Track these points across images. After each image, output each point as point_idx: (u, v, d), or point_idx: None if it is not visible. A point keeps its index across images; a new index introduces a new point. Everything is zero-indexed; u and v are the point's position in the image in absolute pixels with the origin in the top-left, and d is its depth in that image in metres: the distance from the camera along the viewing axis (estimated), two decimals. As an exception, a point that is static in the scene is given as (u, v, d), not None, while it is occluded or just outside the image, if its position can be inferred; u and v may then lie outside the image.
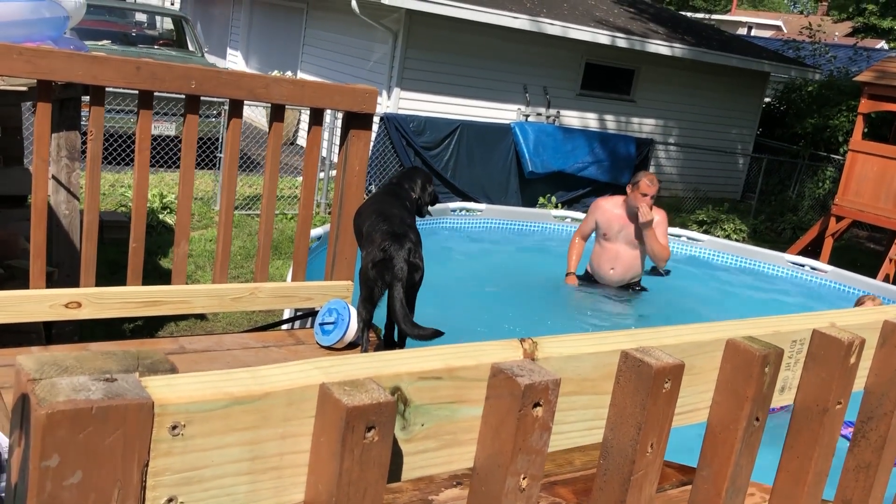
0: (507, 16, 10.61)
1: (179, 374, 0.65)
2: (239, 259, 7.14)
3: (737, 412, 0.97)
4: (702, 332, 0.99)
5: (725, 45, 13.85)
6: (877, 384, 1.18)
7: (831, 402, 1.07)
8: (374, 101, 3.53)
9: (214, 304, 3.39)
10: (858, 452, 1.21)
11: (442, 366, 0.76)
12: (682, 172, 13.71)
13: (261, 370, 0.69)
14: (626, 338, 0.92)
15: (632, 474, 0.87)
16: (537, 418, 0.77)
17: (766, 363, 0.96)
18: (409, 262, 3.15)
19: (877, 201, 9.14)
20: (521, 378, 0.76)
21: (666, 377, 0.86)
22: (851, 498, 1.21)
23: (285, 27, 13.64)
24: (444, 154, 10.37)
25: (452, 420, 0.78)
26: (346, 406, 0.65)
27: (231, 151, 3.29)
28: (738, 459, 0.98)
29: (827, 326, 1.09)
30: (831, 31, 28.69)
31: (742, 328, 1.02)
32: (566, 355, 0.85)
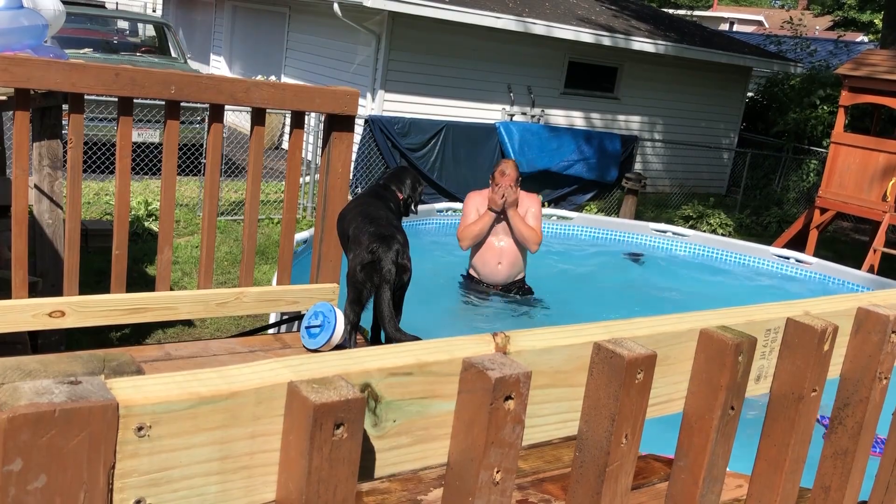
0: (491, 16, 10.62)
1: (146, 375, 0.65)
2: (226, 265, 7.11)
3: (711, 401, 0.98)
4: (676, 323, 0.99)
5: (708, 41, 13.92)
6: (852, 371, 1.19)
7: (806, 389, 1.08)
8: (356, 102, 3.52)
9: (200, 310, 3.38)
10: (836, 439, 1.22)
11: (413, 361, 0.76)
12: (667, 168, 13.76)
13: (229, 369, 0.69)
14: (600, 329, 0.92)
15: (607, 466, 0.88)
16: (509, 411, 0.77)
17: (740, 352, 0.96)
18: (397, 264, 3.15)
19: (860, 192, 9.20)
20: (491, 371, 0.76)
21: (638, 368, 0.87)
22: (830, 485, 1.22)
23: (268, 31, 13.61)
24: (430, 155, 10.37)
25: (425, 415, 0.78)
26: (314, 403, 0.65)
27: (213, 156, 3.28)
28: (714, 448, 0.98)
29: (801, 315, 1.10)
30: (812, 25, 28.89)
31: (716, 318, 1.03)
32: (539, 348, 0.85)
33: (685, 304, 6.14)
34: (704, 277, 7.49)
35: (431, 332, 4.61)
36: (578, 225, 7.98)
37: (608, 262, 7.65)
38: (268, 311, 3.88)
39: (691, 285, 7.03)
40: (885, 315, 1.16)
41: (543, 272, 6.00)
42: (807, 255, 7.82)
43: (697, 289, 6.92)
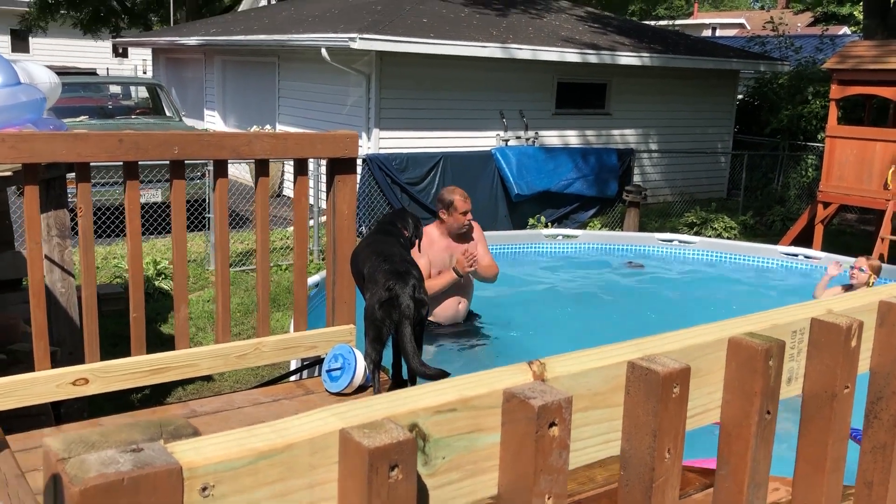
0: (476, 46, 10.75)
1: (202, 436, 0.67)
2: (238, 316, 7.14)
3: (748, 408, 0.99)
4: (703, 334, 1.01)
5: (693, 49, 14.04)
6: (881, 364, 1.20)
7: (838, 386, 1.09)
8: (356, 144, 3.57)
9: (220, 364, 3.40)
10: (872, 434, 1.22)
11: (456, 397, 0.78)
12: (666, 177, 13.81)
13: (280, 423, 0.71)
14: (631, 348, 0.94)
15: (653, 481, 0.89)
16: (554, 437, 0.78)
17: (770, 356, 0.98)
18: (414, 299, 3.17)
19: (860, 183, 9.22)
20: (533, 400, 0.78)
21: (674, 382, 0.88)
22: (872, 479, 1.22)
23: (259, 82, 13.77)
24: (431, 187, 10.43)
25: (472, 449, 0.80)
26: (368, 448, 0.67)
27: (220, 211, 3.32)
28: (754, 454, 1.00)
29: (824, 313, 1.12)
30: (794, 22, 29.11)
31: (741, 325, 1.05)
32: (574, 372, 0.87)
33: (700, 310, 6.14)
34: (716, 282, 7.48)
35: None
36: (584, 242, 8.01)
37: (613, 276, 7.66)
38: (287, 359, 3.90)
39: (703, 291, 7.03)
40: (907, 306, 1.17)
41: (544, 291, 6.02)
42: (815, 251, 7.81)
43: (710, 294, 6.92)
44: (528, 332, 5.13)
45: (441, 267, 5.15)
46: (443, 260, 5.16)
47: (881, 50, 9.10)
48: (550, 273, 7.04)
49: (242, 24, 14.73)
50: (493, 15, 12.76)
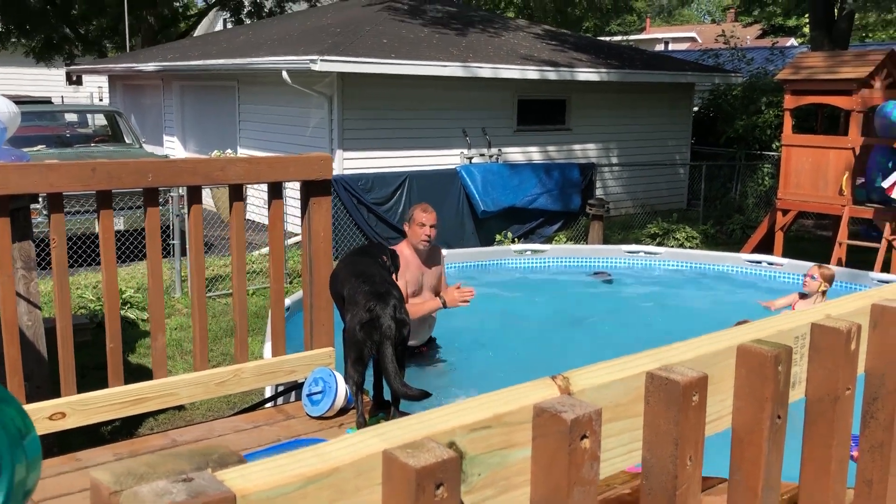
0: (437, 65, 10.82)
1: (248, 463, 0.67)
2: (209, 341, 7.03)
3: (759, 414, 1.02)
4: (713, 343, 1.03)
5: (649, 63, 14.31)
6: (876, 366, 1.24)
7: (840, 389, 1.12)
8: (330, 166, 3.58)
9: (200, 392, 3.35)
10: (870, 434, 1.26)
11: (490, 414, 0.79)
12: (627, 190, 14.00)
13: (322, 447, 0.71)
14: (648, 358, 0.96)
15: (676, 489, 0.91)
16: (586, 450, 0.80)
17: (779, 362, 1.01)
18: (395, 319, 3.17)
19: (817, 190, 9.45)
20: (565, 413, 0.79)
21: (693, 390, 0.90)
22: (872, 478, 1.26)
23: (219, 106, 13.68)
24: (397, 207, 10.44)
25: (505, 465, 0.81)
26: (415, 468, 0.68)
27: (196, 237, 3.29)
28: (767, 459, 1.02)
29: (823, 318, 1.15)
30: (743, 35, 29.80)
31: (747, 333, 1.07)
32: (598, 385, 0.88)
33: (671, 319, 6.22)
34: (683, 291, 7.60)
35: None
36: (552, 256, 8.07)
37: (583, 288, 7.74)
38: (266, 385, 3.86)
39: (673, 300, 7.13)
40: (899, 308, 1.21)
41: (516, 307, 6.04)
42: (777, 258, 7.98)
43: (679, 303, 7.02)
44: (503, 348, 5.16)
45: (416, 286, 5.09)
46: (417, 279, 5.11)
47: (832, 61, 9.37)
48: (521, 288, 7.08)
49: (200, 49, 14.65)
50: (452, 34, 12.87)
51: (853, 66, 8.92)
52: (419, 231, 5.01)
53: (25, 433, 1.02)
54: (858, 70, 8.80)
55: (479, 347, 5.26)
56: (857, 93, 8.80)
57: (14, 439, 0.99)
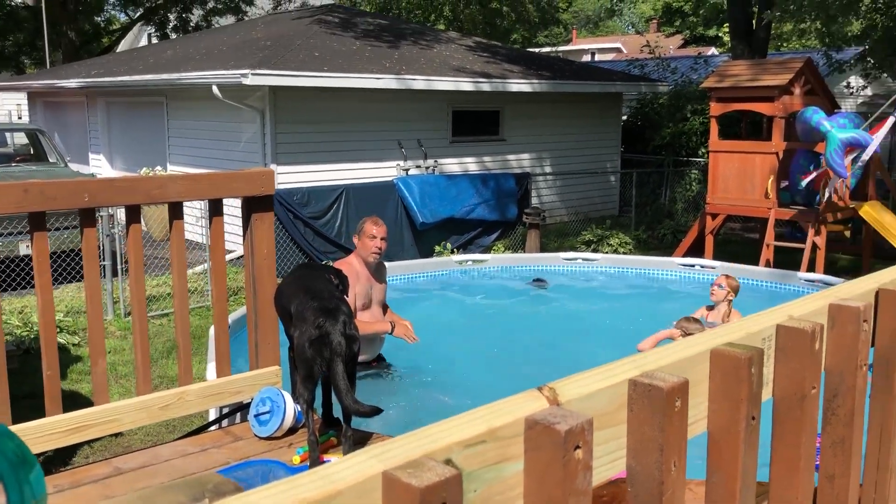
0: (371, 77, 10.80)
1: (248, 491, 0.65)
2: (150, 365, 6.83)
3: (735, 415, 1.04)
4: (687, 348, 1.05)
5: (578, 74, 14.58)
6: (835, 363, 1.28)
7: (807, 388, 1.15)
8: (272, 181, 3.52)
9: (143, 417, 3.25)
10: (831, 430, 1.30)
11: (485, 429, 0.78)
12: (562, 198, 14.21)
13: (321, 470, 0.69)
14: (628, 366, 0.97)
15: (662, 495, 0.91)
16: (580, 460, 0.80)
17: (752, 364, 1.03)
18: (346, 336, 3.13)
19: (744, 194, 9.75)
20: (558, 425, 0.79)
21: (676, 396, 0.92)
22: (834, 472, 1.29)
23: (147, 123, 13.36)
24: (334, 220, 10.36)
25: (500, 479, 0.80)
26: (419, 488, 0.67)
27: (136, 258, 3.19)
28: (744, 459, 1.04)
29: (787, 319, 1.18)
30: (666, 45, 30.65)
31: (717, 337, 1.10)
32: (585, 394, 0.89)
33: (612, 323, 6.32)
34: (621, 295, 7.74)
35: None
36: (493, 266, 8.12)
37: (525, 297, 7.81)
38: (212, 406, 3.76)
39: (612, 304, 7.24)
40: (856, 307, 1.25)
41: (460, 318, 6.04)
42: (710, 261, 8.20)
43: (618, 307, 7.14)
44: (452, 359, 5.15)
45: (365, 299, 5.04)
46: (366, 292, 5.07)
47: (755, 69, 9.71)
48: (465, 298, 7.10)
49: (126, 65, 14.29)
50: (384, 47, 12.88)
51: (774, 74, 9.26)
52: (370, 243, 4.98)
53: (30, 465, 0.97)
54: (779, 77, 9.13)
55: (429, 360, 5.24)
56: (778, 99, 9.13)
57: (15, 465, 0.94)
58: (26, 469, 0.96)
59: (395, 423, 4.45)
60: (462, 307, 6.77)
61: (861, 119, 9.28)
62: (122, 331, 8.23)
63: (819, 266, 9.06)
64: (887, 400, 1.41)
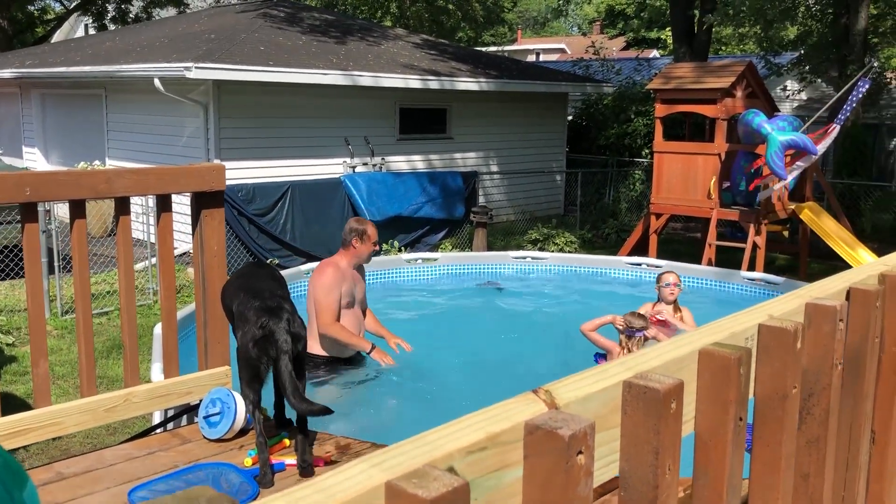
0: (317, 73, 10.67)
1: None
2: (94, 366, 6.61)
3: (723, 416, 1.02)
4: (677, 348, 1.03)
5: (524, 73, 14.65)
6: (811, 362, 1.28)
7: (788, 387, 1.15)
8: (223, 177, 3.43)
9: (88, 420, 3.12)
10: (806, 429, 1.30)
11: (484, 435, 0.75)
12: (509, 197, 14.27)
13: (321, 482, 0.65)
14: (620, 367, 0.95)
15: (656, 499, 0.89)
16: (582, 466, 0.77)
17: (741, 364, 1.02)
18: (291, 333, 3.06)
19: (687, 194, 9.93)
20: (561, 430, 0.76)
21: (672, 398, 0.90)
22: (809, 472, 1.30)
23: (84, 115, 12.95)
24: (280, 217, 10.20)
25: (499, 487, 0.77)
26: (428, 499, 0.63)
27: (80, 254, 3.07)
28: (731, 461, 1.03)
29: (767, 318, 1.18)
30: (610, 46, 31.08)
31: (704, 337, 1.08)
32: (581, 397, 0.86)
33: (563, 320, 6.34)
34: (571, 293, 7.80)
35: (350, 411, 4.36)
36: (443, 264, 8.10)
37: (476, 296, 7.81)
38: (160, 408, 3.65)
39: (562, 303, 7.29)
40: (832, 306, 1.26)
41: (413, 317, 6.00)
42: (655, 259, 8.32)
43: (569, 305, 7.19)
44: (410, 360, 5.11)
45: (349, 298, 5.03)
46: (351, 291, 5.07)
47: (700, 71, 9.89)
48: (416, 297, 7.06)
49: (62, 55, 13.83)
50: (331, 43, 12.74)
51: (717, 77, 9.44)
52: (373, 248, 5.11)
53: (22, 481, 0.90)
54: (722, 80, 9.32)
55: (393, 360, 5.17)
56: (721, 101, 9.32)
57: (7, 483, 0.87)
58: (19, 485, 0.89)
59: (357, 424, 4.39)
60: (414, 305, 6.72)
61: (800, 122, 9.53)
62: (58, 330, 7.96)
63: (759, 265, 9.29)
64: (857, 398, 1.43)
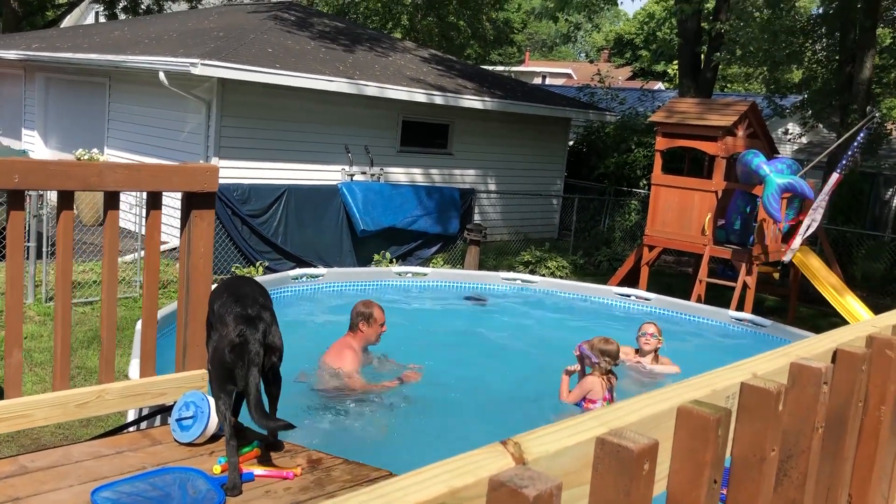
0: (323, 79, 10.66)
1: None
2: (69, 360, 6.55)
3: (697, 478, 0.99)
4: (654, 403, 1.00)
5: (529, 96, 14.69)
6: (792, 423, 1.25)
7: (767, 450, 1.12)
8: (216, 178, 3.39)
9: (58, 415, 3.07)
10: (783, 491, 1.27)
11: (446, 489, 0.71)
12: (504, 217, 14.26)
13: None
14: (594, 422, 0.91)
15: (622, 563, 0.86)
16: (546, 528, 0.74)
17: (720, 425, 0.99)
18: (264, 344, 3.02)
19: (681, 229, 9.93)
20: (526, 489, 0.73)
21: (645, 459, 0.86)
22: (782, 535, 1.26)
23: (87, 103, 12.91)
24: (273, 220, 10.16)
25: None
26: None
27: (64, 246, 3.03)
28: (703, 524, 1.00)
29: (750, 377, 1.15)
30: (616, 75, 31.26)
31: (684, 392, 1.05)
32: (552, 452, 0.83)
33: (546, 348, 6.31)
34: (557, 320, 7.76)
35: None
36: (433, 280, 8.06)
37: (463, 314, 7.77)
38: (133, 407, 3.60)
39: (547, 329, 7.26)
40: (817, 368, 1.23)
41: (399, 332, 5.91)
42: (645, 292, 8.30)
43: (553, 332, 7.15)
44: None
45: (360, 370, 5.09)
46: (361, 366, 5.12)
47: (702, 107, 9.92)
48: (403, 311, 7.01)
49: (70, 41, 13.81)
50: (339, 50, 12.75)
51: (720, 115, 9.47)
52: (380, 329, 5.15)
53: None
54: (724, 118, 9.35)
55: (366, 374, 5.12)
56: (721, 139, 9.34)
57: None
58: None
59: (331, 438, 4.34)
60: (401, 319, 6.66)
61: (798, 166, 9.56)
62: (41, 316, 7.89)
63: (748, 305, 9.28)
64: (836, 462, 1.40)
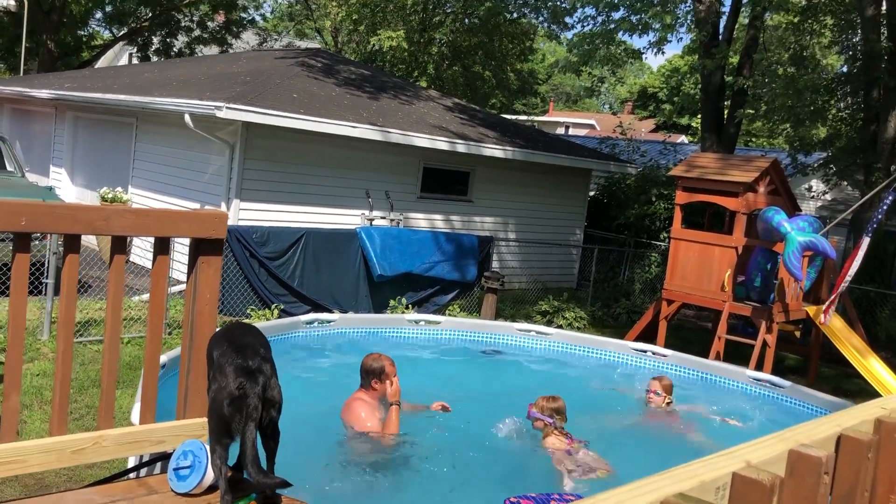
0: (347, 125, 10.77)
1: None
2: (70, 392, 6.53)
3: (679, 578, 0.93)
4: (636, 497, 0.94)
5: (551, 146, 14.74)
6: (789, 515, 1.18)
7: (759, 546, 1.05)
8: (224, 224, 3.39)
9: (52, 461, 3.03)
10: (779, 586, 1.20)
11: None
12: (523, 265, 14.21)
13: None
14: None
15: None
16: None
17: (704, 524, 0.93)
18: (263, 399, 2.97)
19: (701, 284, 9.81)
20: None
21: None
22: None
23: (114, 142, 13.13)
24: (290, 262, 10.18)
25: None
26: None
27: (69, 290, 3.02)
28: None
29: (743, 467, 1.09)
30: (639, 127, 31.37)
31: (669, 484, 0.99)
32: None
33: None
34: (570, 374, 7.65)
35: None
36: (446, 328, 7.99)
37: (474, 365, 7.68)
38: (130, 454, 3.55)
39: (559, 384, 7.13)
40: (817, 457, 1.17)
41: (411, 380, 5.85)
42: (662, 349, 8.16)
43: (565, 386, 7.02)
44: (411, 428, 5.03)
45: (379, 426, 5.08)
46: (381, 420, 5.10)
47: (723, 163, 9.88)
48: (415, 359, 6.94)
49: (101, 81, 14.12)
50: (364, 97, 12.90)
51: (741, 170, 9.41)
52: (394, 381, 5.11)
53: None
54: (746, 174, 9.29)
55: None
56: (742, 195, 9.26)
57: None
58: None
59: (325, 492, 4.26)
60: (413, 368, 6.59)
61: (820, 224, 9.45)
62: (55, 353, 7.90)
63: (767, 364, 9.10)
64: (839, 555, 1.32)
